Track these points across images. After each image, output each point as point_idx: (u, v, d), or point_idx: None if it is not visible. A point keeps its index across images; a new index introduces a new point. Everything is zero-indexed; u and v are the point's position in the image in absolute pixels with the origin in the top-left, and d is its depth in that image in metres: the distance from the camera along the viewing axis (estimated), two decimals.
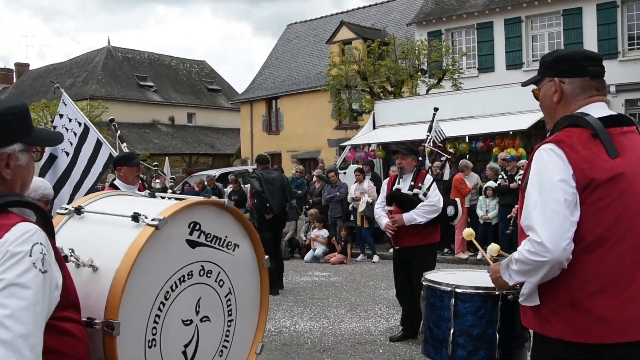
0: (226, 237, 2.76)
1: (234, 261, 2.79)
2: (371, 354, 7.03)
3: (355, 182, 15.17)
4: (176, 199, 2.78)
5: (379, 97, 22.12)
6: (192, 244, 2.60)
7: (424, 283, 3.37)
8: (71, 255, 2.21)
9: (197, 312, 2.62)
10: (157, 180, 7.57)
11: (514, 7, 24.50)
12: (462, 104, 16.99)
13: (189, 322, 2.59)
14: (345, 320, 8.57)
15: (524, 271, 2.60)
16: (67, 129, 10.91)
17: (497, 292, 3.01)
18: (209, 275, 2.66)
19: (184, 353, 2.59)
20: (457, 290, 3.11)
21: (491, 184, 13.47)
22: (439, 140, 10.00)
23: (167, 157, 25.03)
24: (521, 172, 12.62)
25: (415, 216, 6.97)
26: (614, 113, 2.73)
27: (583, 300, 2.55)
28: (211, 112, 46.51)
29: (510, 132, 15.03)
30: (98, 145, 10.82)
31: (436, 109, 8.33)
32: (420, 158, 7.46)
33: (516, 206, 11.67)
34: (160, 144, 40.79)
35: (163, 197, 2.93)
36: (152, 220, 2.36)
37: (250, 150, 35.38)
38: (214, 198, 2.80)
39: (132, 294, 2.29)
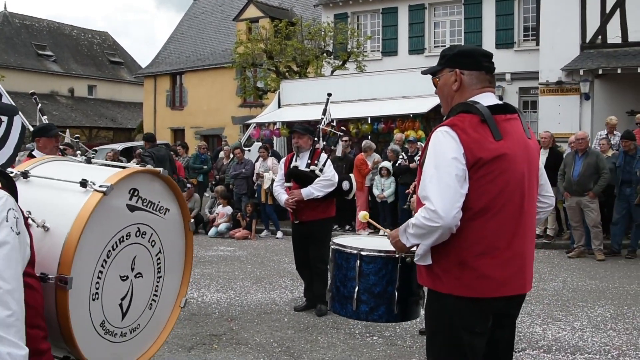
0: (159, 202, 3.04)
1: (165, 223, 3.08)
2: (277, 322, 7.40)
3: (259, 158, 15.49)
4: (111, 166, 3.04)
5: (285, 76, 22.44)
6: (131, 208, 2.87)
7: (332, 247, 3.76)
8: (28, 217, 2.44)
9: (132, 269, 2.90)
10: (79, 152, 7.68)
11: None
12: (365, 86, 17.54)
13: (125, 277, 2.87)
14: (251, 292, 8.91)
15: (420, 235, 3.01)
16: None
17: (397, 255, 3.43)
18: (143, 236, 2.94)
19: (120, 306, 2.87)
20: (362, 253, 3.51)
21: (386, 163, 14.04)
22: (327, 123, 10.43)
23: (67, 130, 24.51)
24: (420, 153, 13.29)
25: (313, 190, 7.38)
26: (500, 102, 3.17)
27: (469, 260, 2.99)
28: (113, 85, 45.54)
29: (411, 115, 15.69)
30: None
31: (329, 95, 8.78)
32: (315, 138, 7.83)
33: (414, 182, 12.30)
34: (59, 115, 39.59)
35: (99, 164, 3.17)
36: (100, 186, 2.61)
37: (154, 125, 35.03)
38: (149, 167, 3.06)
39: (82, 253, 2.53)
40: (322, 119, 8.30)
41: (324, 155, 7.66)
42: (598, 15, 18.12)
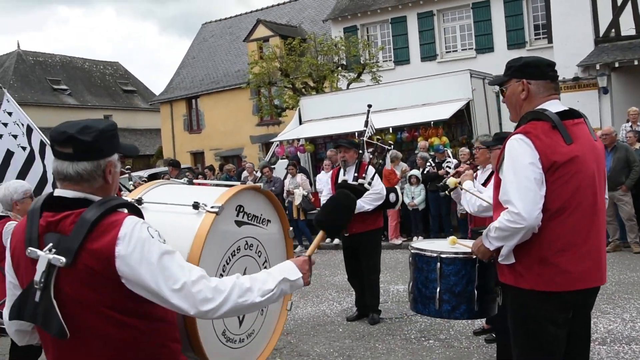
0: (261, 214, 3.30)
1: (267, 234, 3.34)
2: (332, 333, 7.63)
3: (287, 175, 15.74)
4: (211, 184, 3.33)
5: (302, 92, 22.74)
6: (239, 223, 3.13)
7: (412, 251, 4.01)
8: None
9: None
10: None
11: (426, 2, 25.55)
12: (384, 96, 17.68)
13: None
14: (301, 306, 9.12)
15: (503, 237, 3.24)
16: (18, 125, 11.02)
17: (474, 256, 3.67)
18: (251, 248, 3.19)
19: (238, 316, 3.14)
20: (442, 255, 3.77)
21: (415, 172, 14.25)
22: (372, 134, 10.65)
23: None
24: (448, 159, 13.52)
25: (363, 204, 7.59)
26: (567, 108, 3.40)
27: (550, 257, 3.21)
28: (128, 114, 45.90)
29: (432, 123, 15.89)
30: (42, 146, 10.98)
31: (370, 106, 8.96)
32: (360, 151, 8.04)
33: (449, 164, 12.49)
34: None
35: (199, 184, 3.44)
36: (212, 207, 2.87)
37: (173, 150, 35.43)
38: (249, 184, 3.33)
39: (203, 268, 2.79)
40: (365, 130, 8.51)
41: (371, 169, 7.85)
42: (610, 8, 18.27)
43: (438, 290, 3.74)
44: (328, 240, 15.36)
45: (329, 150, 16.96)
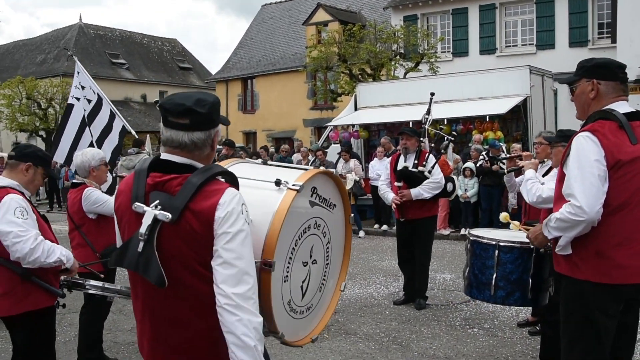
0: (330, 198, 3.50)
1: (333, 217, 3.54)
2: (379, 315, 7.83)
3: (340, 160, 15.94)
4: (284, 167, 3.53)
5: (358, 79, 22.83)
6: (312, 204, 3.33)
7: (470, 238, 4.17)
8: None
9: (310, 256, 3.36)
10: None
11: None
12: (441, 87, 17.62)
13: (305, 263, 3.33)
14: (348, 288, 9.33)
15: (563, 227, 3.39)
16: (78, 98, 11.45)
17: (531, 246, 3.82)
18: (318, 228, 3.39)
19: (301, 287, 3.33)
20: (501, 243, 3.93)
21: (470, 164, 14.29)
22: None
23: (147, 136, 25.42)
24: (502, 155, 13.54)
25: (422, 192, 7.77)
26: (634, 110, 3.53)
27: (606, 250, 3.36)
28: (183, 90, 46.05)
29: (487, 117, 15.89)
30: (112, 117, 11.38)
31: (432, 94, 9.07)
32: (421, 139, 8.19)
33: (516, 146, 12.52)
34: (133, 121, 40.77)
35: (275, 166, 3.66)
36: (293, 185, 3.08)
37: (226, 128, 35.86)
38: (322, 168, 3.52)
39: (280, 241, 3.00)
40: (427, 118, 8.65)
41: (432, 158, 8.03)
42: None
43: (494, 276, 3.91)
44: (376, 226, 15.56)
45: (383, 137, 17.10)
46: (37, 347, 4.39)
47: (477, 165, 14.07)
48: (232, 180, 2.68)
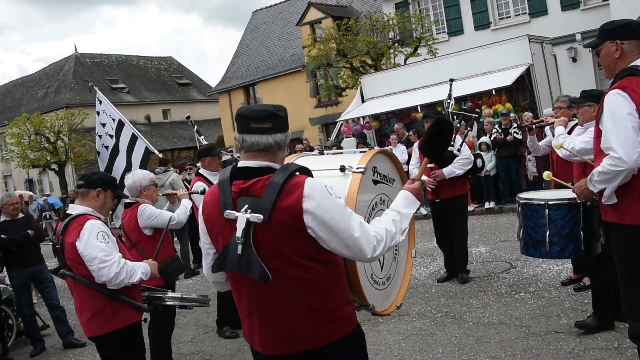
0: (389, 174, 3.81)
1: (394, 191, 3.81)
2: (426, 294, 8.14)
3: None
4: (340, 153, 3.85)
5: (360, 71, 23.13)
6: (375, 182, 3.63)
7: (520, 201, 4.51)
8: None
9: None
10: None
11: None
12: (444, 68, 17.90)
13: None
14: None
15: (606, 179, 3.71)
16: (103, 125, 11.78)
17: (578, 201, 4.14)
18: (383, 203, 3.69)
19: (379, 260, 3.64)
20: (550, 202, 4.26)
21: (485, 139, 14.55)
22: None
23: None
24: (514, 124, 13.82)
25: (454, 169, 8.08)
26: None
27: None
28: (185, 106, 46.76)
29: (493, 91, 16.16)
30: (133, 139, 11.69)
31: (452, 80, 9.33)
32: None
33: (515, 129, 12.83)
34: None
35: (329, 153, 3.97)
36: (357, 168, 3.38)
37: (234, 138, 36.26)
38: (377, 148, 3.84)
39: None
40: (449, 102, 8.93)
41: (459, 137, 8.32)
42: None
43: (547, 233, 4.23)
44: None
45: (396, 124, 17.40)
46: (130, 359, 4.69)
47: (492, 138, 14.33)
48: (307, 174, 2.93)
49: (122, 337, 4.55)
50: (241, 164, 2.91)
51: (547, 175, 4.62)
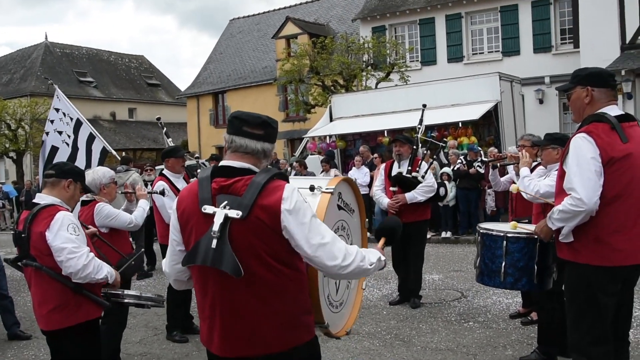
0: (350, 203, 3.89)
1: (353, 221, 3.91)
2: (377, 315, 8.23)
3: (322, 171, 16.30)
4: (304, 178, 3.91)
5: (331, 90, 23.32)
6: (339, 207, 3.71)
7: (480, 231, 4.66)
8: None
9: None
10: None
11: (455, 4, 26.05)
12: (413, 96, 18.08)
13: None
14: None
15: (565, 218, 3.86)
16: (63, 122, 11.66)
17: (535, 237, 4.29)
18: (343, 230, 3.77)
19: (335, 283, 3.69)
20: (508, 235, 4.41)
21: (447, 169, 14.78)
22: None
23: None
24: (479, 158, 14.08)
25: (417, 195, 8.21)
26: (623, 112, 4.04)
27: (604, 237, 3.84)
28: (152, 107, 46.44)
29: (460, 124, 16.42)
30: (91, 138, 11.60)
31: (424, 106, 9.44)
32: (414, 147, 8.60)
33: (479, 163, 13.07)
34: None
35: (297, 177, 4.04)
36: (326, 189, 3.47)
37: (198, 143, 36.18)
38: (345, 176, 3.93)
39: None
40: (419, 128, 9.07)
41: (424, 164, 8.47)
42: (637, 16, 18.77)
43: (503, 264, 4.39)
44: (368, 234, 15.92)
45: (361, 146, 17.55)
46: (89, 355, 4.61)
47: (454, 169, 14.57)
48: (286, 180, 3.02)
49: (82, 331, 4.51)
50: (224, 163, 2.99)
51: (512, 225, 4.72)
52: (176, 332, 7.55)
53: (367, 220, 4.18)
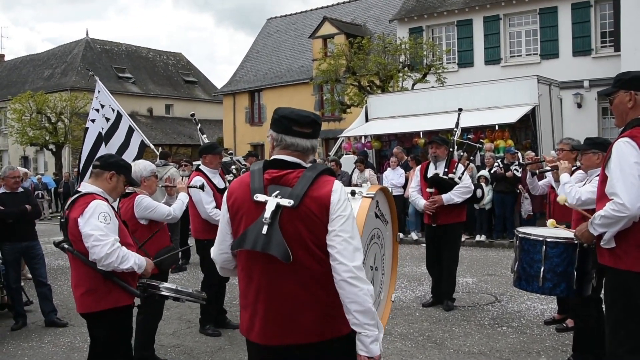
0: (385, 214, 3.90)
1: (386, 232, 3.93)
2: (410, 317, 8.21)
3: (355, 170, 16.31)
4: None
5: (367, 90, 23.29)
6: (376, 215, 3.74)
7: (519, 235, 4.62)
8: None
9: (374, 262, 3.75)
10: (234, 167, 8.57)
11: (493, 6, 25.83)
12: (450, 98, 18.03)
13: (372, 268, 3.71)
14: None
15: (608, 224, 3.82)
16: (100, 114, 11.86)
17: (576, 242, 4.25)
18: (378, 238, 3.78)
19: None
20: (548, 239, 4.37)
21: (484, 172, 14.67)
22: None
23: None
24: (516, 161, 13.95)
25: (453, 197, 8.17)
26: None
27: None
28: (188, 104, 46.80)
29: (497, 126, 16.29)
30: (130, 132, 11.77)
31: (460, 109, 9.38)
32: (450, 149, 8.56)
33: (516, 166, 12.98)
34: None
35: None
36: (367, 194, 3.49)
37: (233, 140, 36.41)
38: (382, 185, 3.93)
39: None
40: (455, 131, 9.03)
41: (460, 166, 8.43)
42: None
43: (542, 269, 4.35)
44: (401, 235, 15.89)
45: (395, 147, 17.51)
46: (116, 342, 4.74)
47: (491, 172, 14.45)
48: (334, 176, 3.12)
49: (112, 317, 4.64)
50: (276, 156, 3.09)
51: (551, 223, 4.69)
52: (209, 326, 7.62)
53: (399, 234, 4.17)
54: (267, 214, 2.90)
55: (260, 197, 2.96)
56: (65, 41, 46.88)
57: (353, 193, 3.51)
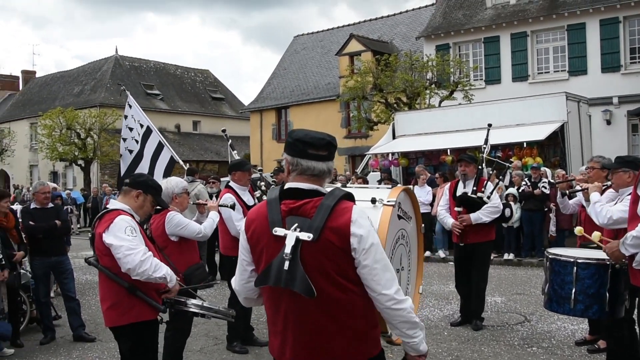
0: (408, 211, 3.92)
1: (411, 227, 3.95)
2: (438, 336, 8.15)
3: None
4: (363, 187, 3.97)
5: (394, 108, 23.29)
6: (398, 217, 3.75)
7: (549, 256, 4.57)
8: None
9: (400, 264, 3.78)
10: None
11: (520, 22, 25.72)
12: (477, 115, 17.88)
13: (397, 270, 3.73)
14: None
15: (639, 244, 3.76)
16: (130, 129, 11.99)
17: (607, 262, 4.19)
18: (403, 238, 3.80)
19: None
20: (579, 260, 4.32)
21: (512, 190, 14.54)
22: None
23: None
24: (544, 179, 13.83)
25: (482, 216, 8.11)
26: None
27: None
28: (216, 120, 47.13)
29: (525, 144, 16.17)
30: (159, 147, 11.87)
31: (490, 125, 9.32)
32: (480, 167, 8.50)
33: (544, 184, 12.88)
34: None
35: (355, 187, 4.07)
36: (388, 202, 3.50)
37: (260, 157, 36.51)
38: (404, 186, 3.95)
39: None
40: (484, 148, 8.97)
41: (490, 185, 8.37)
42: None
43: (574, 291, 4.29)
44: (428, 253, 15.82)
45: (417, 166, 17.46)
46: (140, 357, 4.79)
47: (519, 190, 14.34)
48: (352, 200, 3.05)
49: (136, 331, 4.70)
50: (291, 185, 3.02)
51: (578, 230, 4.65)
52: (236, 343, 7.63)
53: (422, 225, 4.18)
54: (288, 249, 2.86)
55: (279, 232, 2.92)
56: (94, 58, 47.51)
57: (373, 201, 3.52)
